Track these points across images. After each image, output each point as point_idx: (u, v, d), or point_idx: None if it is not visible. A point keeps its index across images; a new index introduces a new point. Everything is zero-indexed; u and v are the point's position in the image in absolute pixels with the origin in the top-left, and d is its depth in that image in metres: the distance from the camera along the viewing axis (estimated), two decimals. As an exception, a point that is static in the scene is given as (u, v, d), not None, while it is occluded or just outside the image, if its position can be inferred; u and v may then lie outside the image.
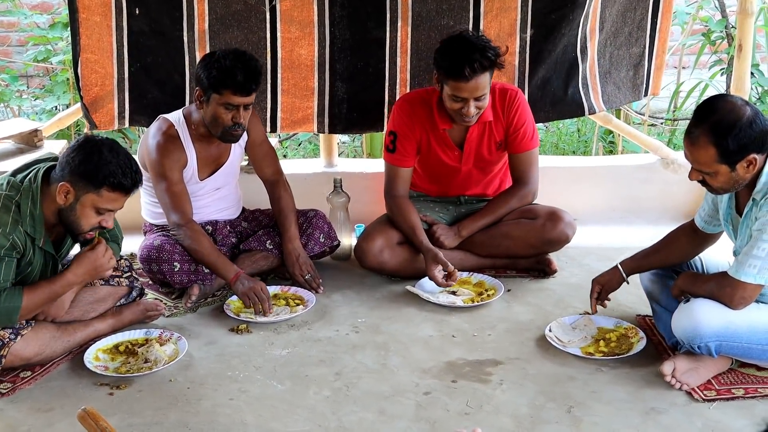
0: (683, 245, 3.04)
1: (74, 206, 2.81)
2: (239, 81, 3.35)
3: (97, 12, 3.93)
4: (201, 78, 3.42)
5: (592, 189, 4.53)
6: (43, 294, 2.88)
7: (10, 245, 2.76)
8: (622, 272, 3.10)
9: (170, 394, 2.83)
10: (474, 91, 3.42)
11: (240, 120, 3.44)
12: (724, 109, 2.62)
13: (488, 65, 3.41)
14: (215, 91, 3.39)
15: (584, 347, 3.05)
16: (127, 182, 2.81)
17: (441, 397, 2.78)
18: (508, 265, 3.81)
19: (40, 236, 2.86)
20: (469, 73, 3.37)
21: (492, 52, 3.41)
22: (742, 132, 2.57)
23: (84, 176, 2.77)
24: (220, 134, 3.49)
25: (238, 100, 3.39)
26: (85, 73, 3.97)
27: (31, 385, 2.88)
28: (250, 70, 3.38)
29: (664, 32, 4.25)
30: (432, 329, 3.28)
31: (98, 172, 2.77)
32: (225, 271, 3.42)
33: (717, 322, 2.69)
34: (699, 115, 2.67)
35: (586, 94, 4.18)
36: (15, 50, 6.71)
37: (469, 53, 3.37)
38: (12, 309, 2.80)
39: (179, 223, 3.45)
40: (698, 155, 2.65)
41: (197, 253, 3.44)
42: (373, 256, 3.68)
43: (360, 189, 4.27)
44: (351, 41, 4.07)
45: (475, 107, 3.48)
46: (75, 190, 2.79)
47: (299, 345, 3.17)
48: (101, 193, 2.79)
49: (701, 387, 2.75)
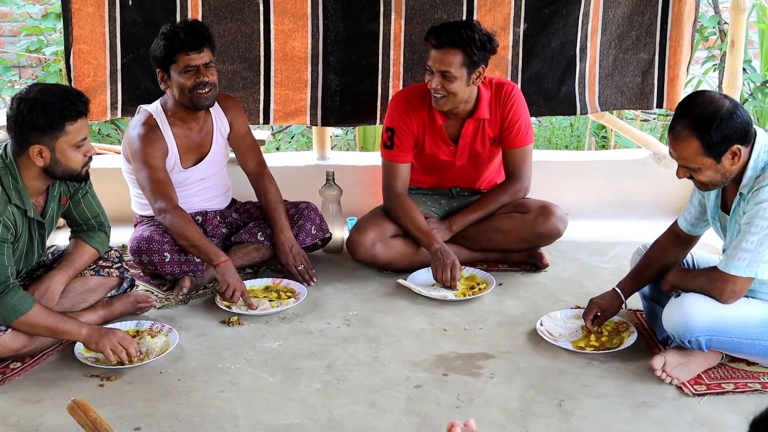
0: (671, 255, 3.03)
1: (55, 158, 2.82)
2: (184, 38, 3.38)
3: (90, 3, 3.92)
4: (156, 57, 3.45)
5: (584, 183, 4.54)
6: (50, 319, 2.86)
7: (3, 226, 2.77)
8: (622, 296, 3.05)
9: (161, 385, 2.82)
10: (439, 63, 3.45)
11: (203, 78, 3.43)
12: (704, 102, 2.64)
13: (457, 41, 3.42)
14: (171, 62, 3.41)
15: (575, 341, 3.06)
16: (80, 106, 2.82)
17: (432, 390, 2.78)
18: (500, 259, 3.81)
19: (30, 206, 2.87)
20: (442, 42, 3.41)
21: (468, 32, 3.42)
22: (723, 123, 2.59)
23: (44, 128, 2.78)
24: (190, 101, 3.48)
25: (194, 60, 3.40)
26: (77, 63, 3.96)
27: (20, 377, 2.87)
28: (192, 28, 3.44)
29: (675, 41, 4.17)
30: (423, 322, 3.29)
31: (52, 115, 2.78)
32: (213, 254, 3.39)
33: (707, 317, 2.70)
34: (680, 112, 2.69)
35: (581, 94, 4.17)
36: (7, 40, 6.68)
37: (447, 25, 3.47)
38: (17, 310, 2.80)
39: (165, 209, 3.43)
40: (682, 150, 2.66)
41: (184, 237, 3.41)
42: (366, 249, 3.68)
43: (352, 182, 4.28)
44: (344, 34, 4.07)
45: (439, 83, 3.47)
46: (45, 145, 2.79)
47: (290, 337, 3.17)
48: (67, 131, 2.80)
49: (691, 381, 2.76)
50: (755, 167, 2.66)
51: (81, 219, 3.17)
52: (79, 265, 3.15)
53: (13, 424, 2.60)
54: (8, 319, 2.81)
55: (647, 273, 3.04)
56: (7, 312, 2.80)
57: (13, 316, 2.81)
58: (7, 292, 2.80)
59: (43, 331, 2.88)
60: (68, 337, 2.93)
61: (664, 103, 4.27)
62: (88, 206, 3.16)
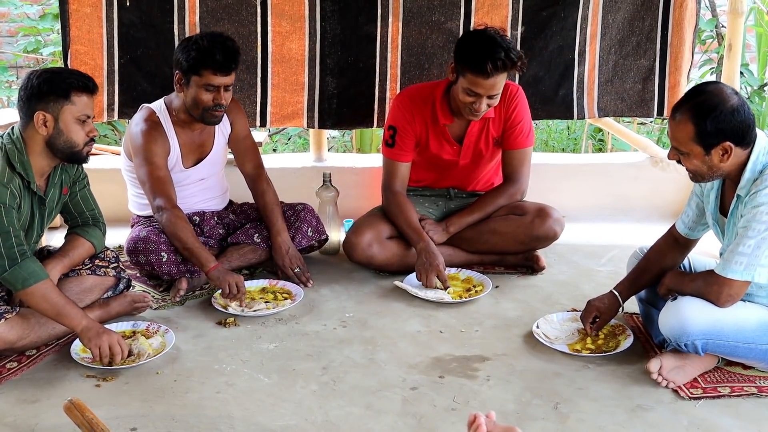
0: (668, 258, 3.03)
1: (58, 127, 2.86)
2: (218, 60, 3.37)
3: (88, 3, 3.93)
4: (180, 61, 3.43)
5: (581, 186, 4.55)
6: (59, 298, 2.88)
7: (10, 194, 2.82)
8: (620, 299, 3.05)
9: (157, 386, 2.82)
10: (490, 88, 3.43)
11: (221, 101, 3.45)
12: (712, 93, 2.65)
13: (510, 66, 3.42)
14: (195, 73, 3.40)
15: (571, 344, 3.06)
16: (88, 82, 2.89)
17: (428, 393, 2.78)
18: (497, 261, 3.82)
19: (33, 179, 2.91)
20: (491, 70, 3.37)
21: (515, 54, 3.41)
22: (721, 116, 2.60)
23: (50, 94, 2.84)
24: (201, 116, 3.50)
25: (218, 80, 3.40)
26: (75, 65, 3.96)
27: (17, 376, 2.87)
28: (228, 50, 3.40)
29: (676, 47, 4.15)
30: (420, 325, 3.29)
31: (60, 83, 2.85)
32: (204, 260, 3.37)
33: (704, 320, 2.70)
34: (688, 95, 2.71)
35: (579, 98, 4.18)
36: (5, 41, 6.68)
37: (494, 50, 3.37)
38: (37, 275, 2.84)
39: (163, 207, 3.43)
40: (676, 131, 2.68)
41: (178, 238, 3.40)
42: (362, 250, 3.68)
43: (349, 184, 4.28)
44: (342, 36, 4.07)
45: (487, 104, 3.49)
46: (50, 113, 2.84)
47: (287, 339, 3.17)
48: (73, 101, 2.85)
49: (687, 385, 2.76)
50: (753, 170, 2.67)
51: (76, 212, 3.20)
52: (74, 257, 3.15)
53: (9, 424, 2.60)
54: (27, 282, 2.83)
55: (645, 276, 3.04)
56: (28, 275, 2.83)
57: (32, 280, 2.83)
58: (28, 257, 2.85)
59: (50, 308, 2.87)
60: (68, 322, 2.90)
61: (664, 111, 4.24)
62: (83, 200, 3.19)
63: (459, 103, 3.53)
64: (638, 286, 3.06)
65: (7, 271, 2.83)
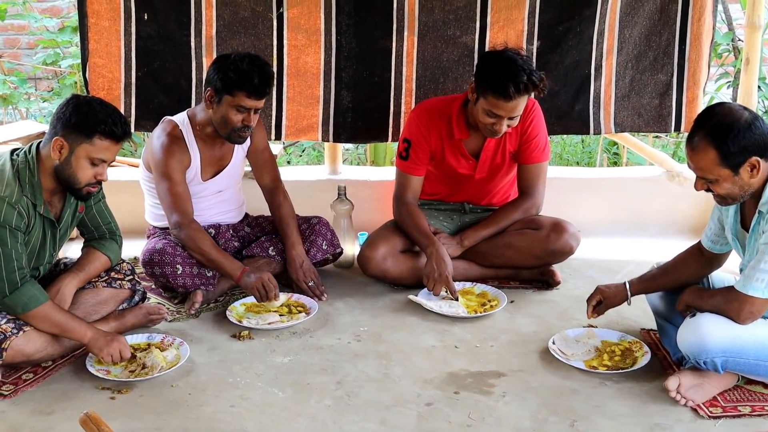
0: (691, 268, 3.01)
1: (69, 159, 2.85)
2: (255, 84, 3.37)
3: (106, 17, 3.96)
4: (214, 79, 3.43)
5: (596, 201, 4.52)
6: (61, 316, 2.91)
7: (17, 214, 2.81)
8: (629, 292, 3.05)
9: (171, 399, 2.82)
10: (511, 111, 3.43)
11: (250, 122, 3.46)
12: (722, 113, 2.63)
13: (532, 88, 3.41)
14: (228, 93, 3.40)
15: (588, 360, 3.03)
16: (117, 129, 2.86)
17: (443, 409, 2.76)
18: (512, 275, 3.80)
19: (41, 202, 2.91)
20: (513, 93, 3.36)
21: (536, 76, 3.40)
22: (741, 133, 2.57)
23: (76, 127, 2.83)
24: (227, 135, 3.51)
25: (251, 103, 3.41)
26: (93, 77, 3.99)
27: (33, 388, 2.87)
28: (264, 75, 3.41)
29: (694, 62, 4.14)
30: (434, 339, 3.27)
31: (89, 121, 2.83)
32: (230, 269, 3.43)
33: (723, 338, 2.67)
34: (698, 122, 2.67)
35: (595, 113, 4.16)
36: (24, 53, 6.73)
37: (517, 73, 3.36)
38: (36, 299, 2.86)
39: (181, 223, 3.45)
40: (699, 161, 2.64)
41: (200, 252, 3.43)
42: (376, 264, 3.68)
43: (364, 197, 4.27)
44: (357, 50, 4.08)
45: (507, 125, 3.48)
46: (68, 143, 2.84)
47: (301, 352, 3.16)
48: (94, 142, 2.84)
49: (707, 403, 2.73)
50: None
51: (92, 226, 3.20)
52: (90, 271, 3.16)
53: (23, 437, 2.61)
54: (28, 307, 2.85)
55: (662, 279, 3.02)
56: (27, 299, 2.85)
57: (33, 305, 2.86)
58: (27, 280, 2.86)
59: (54, 327, 2.91)
60: (74, 336, 2.94)
61: (682, 126, 4.21)
62: (99, 213, 3.19)
63: (479, 123, 3.53)
64: (652, 286, 3.04)
65: (8, 296, 2.84)
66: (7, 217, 2.80)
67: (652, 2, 4.06)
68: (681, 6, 4.07)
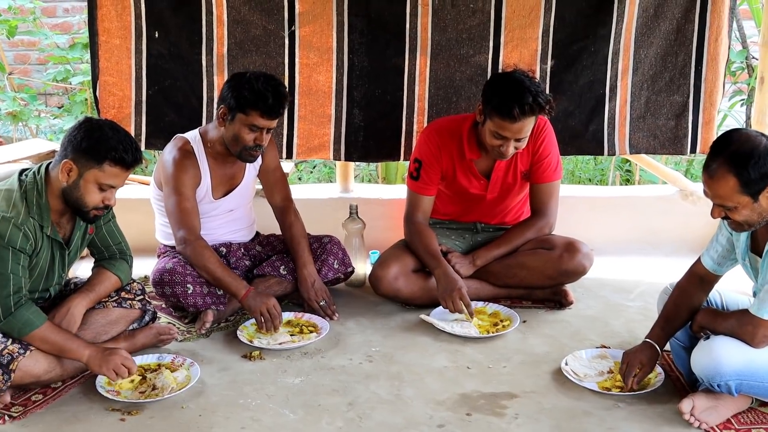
0: (696, 299, 2.95)
1: (77, 183, 2.85)
2: (269, 104, 3.37)
3: (117, 35, 3.97)
4: (228, 97, 3.43)
5: (610, 219, 4.50)
6: (59, 336, 2.90)
7: (22, 235, 2.80)
8: (658, 348, 2.93)
9: (182, 421, 2.80)
10: (518, 132, 3.41)
11: (262, 142, 3.46)
12: (740, 139, 2.59)
13: (538, 110, 3.40)
14: (242, 111, 3.40)
15: (601, 382, 3.01)
16: (128, 157, 2.85)
17: (455, 430, 2.74)
18: (524, 295, 3.78)
19: (48, 224, 2.90)
20: (518, 115, 3.35)
21: (543, 98, 3.39)
22: (761, 160, 2.54)
23: (86, 152, 2.82)
24: (239, 153, 3.50)
25: (264, 123, 3.41)
26: (103, 95, 4.00)
27: (42, 409, 2.86)
28: (279, 95, 3.41)
29: (711, 83, 4.09)
30: (446, 360, 3.25)
31: (100, 146, 2.82)
32: (235, 288, 3.40)
33: (737, 361, 2.64)
34: (715, 149, 2.64)
35: (610, 134, 4.14)
36: (34, 69, 6.76)
37: (522, 95, 3.35)
38: (32, 323, 2.84)
39: (187, 239, 3.43)
40: (718, 188, 2.61)
41: (205, 269, 3.42)
42: (388, 283, 3.66)
43: (376, 215, 4.26)
44: (369, 68, 4.07)
45: (514, 147, 3.47)
46: (78, 167, 2.83)
47: (312, 373, 3.14)
48: (103, 168, 2.83)
49: (720, 426, 2.70)
50: None
51: (102, 246, 3.19)
52: (100, 291, 3.15)
53: (33, 459, 2.60)
54: (23, 332, 2.84)
55: (676, 322, 2.95)
56: (22, 325, 2.84)
57: (28, 329, 2.84)
58: (22, 305, 2.84)
59: (52, 348, 2.90)
60: (73, 357, 2.93)
61: (698, 148, 4.17)
62: (109, 234, 3.19)
63: (487, 145, 3.52)
64: (670, 332, 2.96)
65: (2, 321, 2.83)
66: (12, 237, 2.80)
67: (668, 22, 4.04)
68: (698, 26, 4.04)
